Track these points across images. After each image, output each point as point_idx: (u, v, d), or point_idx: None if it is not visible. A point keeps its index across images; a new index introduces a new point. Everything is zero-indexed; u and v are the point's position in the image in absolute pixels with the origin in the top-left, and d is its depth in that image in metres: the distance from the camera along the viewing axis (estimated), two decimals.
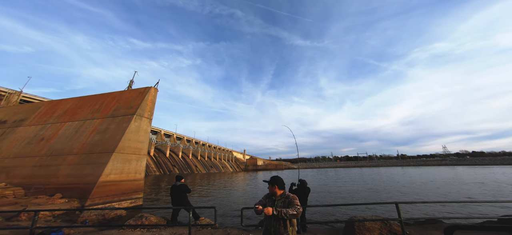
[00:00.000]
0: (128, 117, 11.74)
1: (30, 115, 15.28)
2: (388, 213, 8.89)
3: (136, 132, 11.57)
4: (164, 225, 5.19)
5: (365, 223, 4.71)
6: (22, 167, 11.23)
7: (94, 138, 11.32)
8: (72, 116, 13.62)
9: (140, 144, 11.74)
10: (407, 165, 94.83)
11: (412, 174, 33.20)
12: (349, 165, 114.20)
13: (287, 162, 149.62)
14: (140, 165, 11.41)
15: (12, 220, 6.32)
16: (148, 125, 12.58)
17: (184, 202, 5.83)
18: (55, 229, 3.93)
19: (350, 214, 8.35)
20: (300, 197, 5.17)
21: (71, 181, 9.68)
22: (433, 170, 45.86)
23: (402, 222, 4.19)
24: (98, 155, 10.29)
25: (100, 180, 9.25)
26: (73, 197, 8.93)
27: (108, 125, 11.74)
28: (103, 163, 9.76)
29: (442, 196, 13.23)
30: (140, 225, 5.32)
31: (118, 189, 9.94)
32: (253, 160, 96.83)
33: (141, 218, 5.64)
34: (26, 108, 16.53)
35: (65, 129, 12.75)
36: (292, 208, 2.15)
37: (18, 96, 27.63)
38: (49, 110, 15.15)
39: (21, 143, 12.98)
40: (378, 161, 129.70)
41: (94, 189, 8.98)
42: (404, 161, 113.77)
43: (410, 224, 5.45)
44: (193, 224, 4.91)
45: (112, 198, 9.55)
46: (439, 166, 71.57)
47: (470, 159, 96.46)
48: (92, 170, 9.72)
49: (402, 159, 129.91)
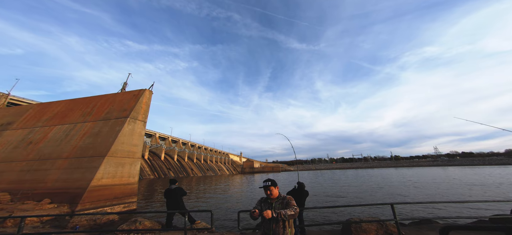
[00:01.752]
0: (122, 120, 11.48)
1: (18, 119, 14.72)
2: (384, 214, 8.99)
3: (130, 135, 11.32)
4: (159, 229, 5.05)
5: (362, 225, 4.74)
6: (8, 172, 10.75)
7: (86, 141, 10.99)
8: (62, 119, 13.21)
9: (134, 147, 11.47)
10: (401, 166, 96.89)
11: (405, 175, 33.85)
12: (345, 166, 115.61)
13: (284, 164, 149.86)
14: (134, 169, 11.13)
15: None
16: (142, 128, 12.33)
17: (181, 205, 5.70)
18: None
19: (347, 216, 8.39)
20: (297, 199, 5.14)
21: (60, 186, 9.33)
22: (426, 171, 46.96)
23: (398, 223, 4.24)
24: (90, 159, 9.98)
25: (92, 184, 8.96)
26: (63, 203, 8.59)
27: (101, 128, 11.44)
28: (95, 167, 9.47)
29: (436, 196, 13.52)
30: (133, 230, 5.15)
31: (110, 193, 9.64)
32: (249, 163, 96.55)
33: (134, 222, 5.47)
34: (14, 111, 15.93)
35: (54, 133, 12.33)
36: (290, 209, 2.16)
37: (6, 98, 26.61)
38: (37, 113, 14.64)
39: (7, 147, 12.46)
40: (372, 162, 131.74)
41: (85, 193, 8.68)
42: (397, 162, 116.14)
43: (406, 224, 5.52)
44: (189, 228, 4.80)
45: (104, 203, 9.24)
46: (431, 167, 73.43)
47: (460, 160, 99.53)
48: (83, 174, 9.41)
49: (396, 160, 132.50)
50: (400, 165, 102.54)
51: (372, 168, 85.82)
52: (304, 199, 5.37)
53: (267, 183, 2.38)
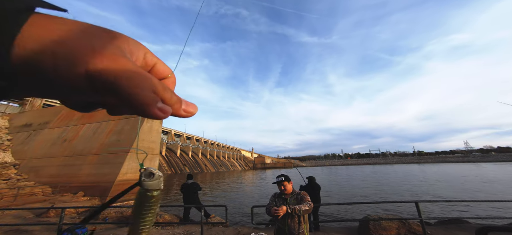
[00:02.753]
0: (141, 118, 12.18)
1: (53, 118, 16.38)
2: (405, 212, 8.49)
3: (148, 132, 12.00)
4: (177, 223, 5.36)
5: (381, 222, 4.53)
6: (49, 167, 12.10)
7: (111, 138, 11.89)
8: (90, 118, 14.40)
9: (153, 144, 12.16)
10: (425, 162, 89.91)
11: (430, 172, 31.47)
12: (361, 162, 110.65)
13: (295, 160, 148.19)
14: (153, 165, 11.84)
15: (42, 217, 6.84)
16: (159, 126, 13.00)
17: (196, 200, 5.95)
18: (80, 226, 4.19)
19: (363, 213, 8.08)
20: (310, 194, 5.04)
21: (91, 180, 10.28)
22: (455, 167, 43.13)
23: (423, 222, 3.97)
24: (115, 155, 10.81)
25: (118, 178, 9.72)
26: (94, 195, 9.48)
27: (123, 126, 12.27)
28: (120, 163, 10.24)
29: (467, 194, 12.39)
30: (155, 222, 5.53)
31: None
32: (261, 159, 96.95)
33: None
34: (49, 112, 17.74)
35: (84, 131, 13.53)
36: (304, 204, 2.15)
37: (41, 100, 29.73)
38: (69, 113, 16.13)
39: (46, 144, 13.98)
40: (392, 158, 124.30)
41: (113, 187, 9.46)
42: (421, 158, 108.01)
43: (432, 224, 5.15)
44: (205, 222, 5.01)
45: (129, 196, 9.98)
46: (461, 163, 67.12)
47: (496, 155, 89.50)
48: (110, 170, 10.24)
49: (419, 156, 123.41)
50: (424, 161, 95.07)
51: (392, 164, 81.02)
52: (317, 194, 5.25)
53: (281, 178, 2.36)
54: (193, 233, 5.03)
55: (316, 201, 4.99)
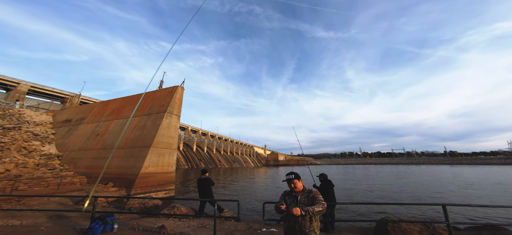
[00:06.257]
0: (161, 114, 12.97)
1: (88, 115, 18.30)
2: (431, 216, 7.82)
3: (167, 128, 12.73)
4: (193, 215, 5.68)
5: (401, 225, 4.25)
6: (84, 159, 13.61)
7: (135, 134, 12.89)
8: (118, 114, 15.75)
9: (171, 139, 12.88)
10: (458, 163, 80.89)
11: (463, 173, 28.31)
12: (382, 162, 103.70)
13: (310, 158, 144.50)
14: (171, 159, 12.57)
15: (79, 204, 7.78)
16: (177, 122, 13.70)
17: (208, 194, 6.22)
18: (109, 214, 4.69)
19: (382, 214, 7.64)
20: (324, 193, 4.89)
21: (119, 172, 11.30)
22: (497, 170, 38.15)
23: (450, 226, 3.64)
24: (139, 149, 11.71)
25: (141, 171, 10.55)
26: (122, 187, 10.43)
27: (145, 122, 13.20)
28: (143, 157, 11.08)
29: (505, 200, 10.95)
30: (172, 214, 5.94)
31: (155, 180, 11.19)
32: (274, 155, 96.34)
33: (173, 208, 6.28)
34: (84, 109, 19.84)
35: (113, 126, 14.87)
36: (317, 205, 2.12)
37: (78, 98, 33.33)
38: (101, 109, 17.85)
39: (82, 138, 15.71)
40: (418, 158, 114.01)
41: (137, 179, 10.30)
42: (453, 159, 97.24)
43: (461, 229, 4.69)
44: (218, 216, 5.22)
45: (150, 189, 10.80)
46: (504, 166, 59.00)
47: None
48: (134, 163, 11.15)
49: (451, 157, 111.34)
50: (458, 162, 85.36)
51: (418, 165, 74.55)
52: (331, 192, 5.08)
53: (291, 176, 2.35)
54: (207, 225, 5.29)
55: (329, 199, 4.84)
